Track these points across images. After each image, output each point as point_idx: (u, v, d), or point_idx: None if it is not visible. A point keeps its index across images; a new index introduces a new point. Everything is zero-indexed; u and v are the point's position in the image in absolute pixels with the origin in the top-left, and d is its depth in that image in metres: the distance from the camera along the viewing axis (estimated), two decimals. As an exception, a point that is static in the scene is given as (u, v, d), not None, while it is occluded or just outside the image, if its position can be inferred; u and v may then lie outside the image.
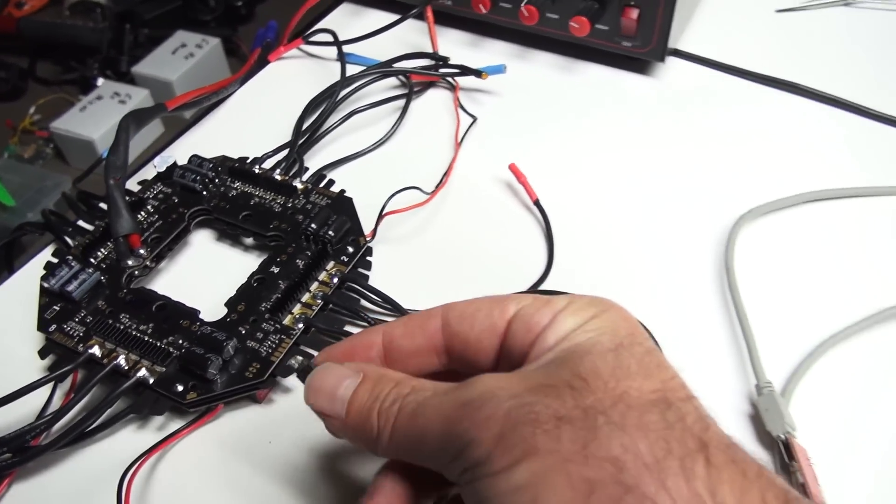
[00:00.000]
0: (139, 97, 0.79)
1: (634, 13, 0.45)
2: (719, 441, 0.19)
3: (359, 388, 0.23)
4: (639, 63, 0.49)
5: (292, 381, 0.33)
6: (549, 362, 0.21)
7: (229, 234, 0.40)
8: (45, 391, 0.32)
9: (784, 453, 0.30)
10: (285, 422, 0.32)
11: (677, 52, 0.49)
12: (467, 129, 0.45)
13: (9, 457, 0.30)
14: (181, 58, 0.87)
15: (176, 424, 0.32)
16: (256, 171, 0.41)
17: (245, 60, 0.53)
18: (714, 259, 0.37)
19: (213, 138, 0.46)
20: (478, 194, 0.41)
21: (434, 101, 0.48)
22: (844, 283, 0.36)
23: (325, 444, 0.31)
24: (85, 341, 0.33)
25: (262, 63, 0.52)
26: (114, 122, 0.67)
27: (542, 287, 0.36)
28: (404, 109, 0.46)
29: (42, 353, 0.34)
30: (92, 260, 0.37)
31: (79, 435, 0.31)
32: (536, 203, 0.40)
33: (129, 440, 0.32)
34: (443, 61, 0.48)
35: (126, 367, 0.32)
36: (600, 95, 0.47)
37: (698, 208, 0.40)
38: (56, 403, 0.33)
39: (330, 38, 0.50)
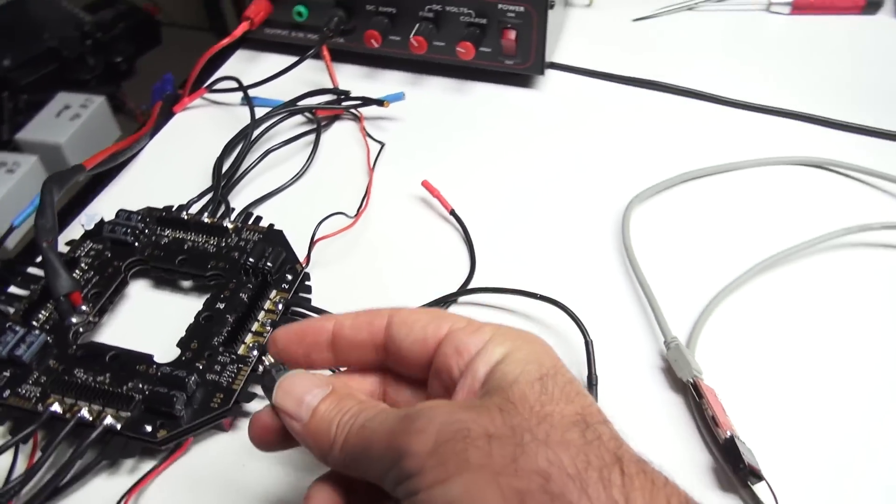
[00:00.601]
0: (28, 164, 0.76)
1: (512, 34, 0.50)
2: (631, 456, 0.21)
3: (325, 399, 0.25)
4: (522, 78, 0.54)
5: (256, 405, 0.35)
6: (483, 393, 0.23)
7: (166, 280, 0.41)
8: (6, 456, 0.33)
9: (694, 394, 0.35)
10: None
11: (554, 65, 0.55)
12: (377, 155, 0.48)
13: (-17, 524, 0.31)
14: (66, 120, 0.86)
15: (147, 465, 0.33)
16: (184, 217, 0.42)
17: (133, 116, 0.54)
18: (613, 239, 0.43)
19: (131, 192, 0.47)
20: (398, 212, 0.45)
21: (342, 132, 0.51)
22: (723, 245, 0.42)
23: (297, 459, 0.33)
24: (43, 400, 0.34)
25: (168, 115, 0.53)
26: (4, 192, 0.67)
27: (470, 285, 0.40)
28: (315, 143, 0.49)
29: (1, 417, 0.34)
30: (34, 323, 0.37)
31: (52, 491, 0.32)
32: (452, 213, 0.44)
33: (103, 488, 0.33)
34: (344, 95, 0.52)
35: (90, 419, 0.33)
36: (492, 110, 0.52)
37: (593, 197, 0.45)
38: (21, 466, 0.33)
39: (233, 85, 0.53)
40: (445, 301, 0.39)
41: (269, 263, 0.39)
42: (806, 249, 0.40)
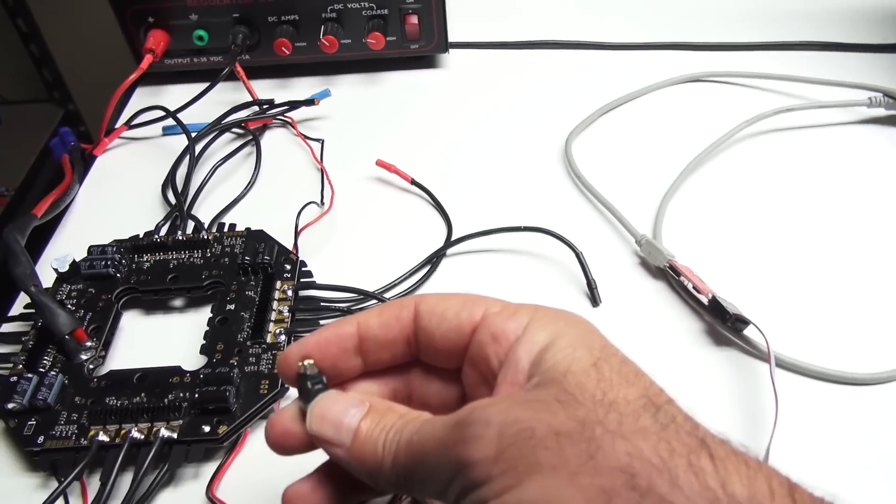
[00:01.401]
0: None
1: (414, 18, 0.54)
2: (714, 436, 0.19)
3: (365, 418, 0.23)
4: (428, 60, 0.58)
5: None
6: (533, 385, 0.21)
7: (156, 303, 0.41)
8: None
9: (673, 274, 0.40)
10: (309, 420, 0.35)
11: (453, 45, 0.59)
12: (321, 150, 0.50)
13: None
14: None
15: (208, 469, 0.33)
16: (158, 240, 0.42)
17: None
18: (563, 171, 0.47)
19: (80, 236, 0.45)
20: (362, 193, 0.47)
21: (277, 138, 0.52)
22: (653, 156, 0.48)
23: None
24: (84, 435, 0.33)
25: (88, 160, 0.52)
26: None
27: (453, 237, 0.43)
28: (258, 151, 0.50)
29: (41, 465, 0.33)
30: (41, 369, 0.36)
31: (126, 515, 0.31)
32: (413, 182, 0.46)
33: (173, 500, 0.33)
34: (268, 104, 0.53)
35: (142, 437, 0.33)
36: (411, 93, 0.56)
37: (534, 141, 0.50)
38: (76, 507, 0.32)
39: (150, 117, 0.53)
40: (437, 256, 0.42)
41: (266, 257, 0.40)
42: (722, 143, 0.47)
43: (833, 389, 0.35)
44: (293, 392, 0.36)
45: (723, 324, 0.37)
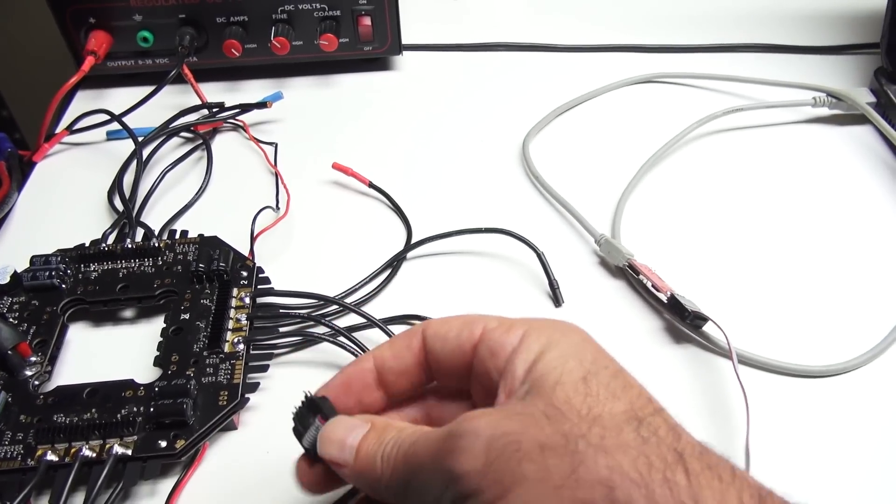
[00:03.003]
0: None
1: (367, 20, 0.54)
2: (693, 449, 0.20)
3: (366, 436, 0.24)
4: (381, 62, 0.57)
5: (260, 396, 0.35)
6: (523, 395, 0.22)
7: (105, 314, 0.39)
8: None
9: (632, 273, 0.40)
10: (270, 430, 0.34)
11: (405, 47, 0.59)
12: (275, 154, 0.49)
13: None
14: None
15: (164, 485, 0.32)
16: (106, 248, 0.40)
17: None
18: (520, 171, 0.47)
19: (21, 246, 0.43)
20: (319, 197, 0.46)
21: (229, 142, 0.51)
22: (609, 156, 0.48)
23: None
24: (31, 455, 0.31)
25: (27, 166, 0.50)
26: None
27: (413, 240, 0.42)
28: (209, 156, 0.49)
29: (-14, 489, 0.31)
30: (-18, 387, 0.34)
31: (77, 537, 0.30)
32: (371, 185, 0.46)
33: (128, 520, 0.31)
34: (218, 107, 0.52)
35: (94, 455, 0.31)
36: (366, 95, 0.55)
37: (491, 141, 0.50)
38: (23, 532, 0.30)
39: (93, 122, 0.50)
40: (397, 260, 0.41)
41: (221, 264, 0.38)
42: (676, 143, 0.48)
43: (792, 382, 0.35)
44: (254, 402, 0.35)
45: (682, 321, 0.38)
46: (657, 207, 0.45)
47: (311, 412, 0.26)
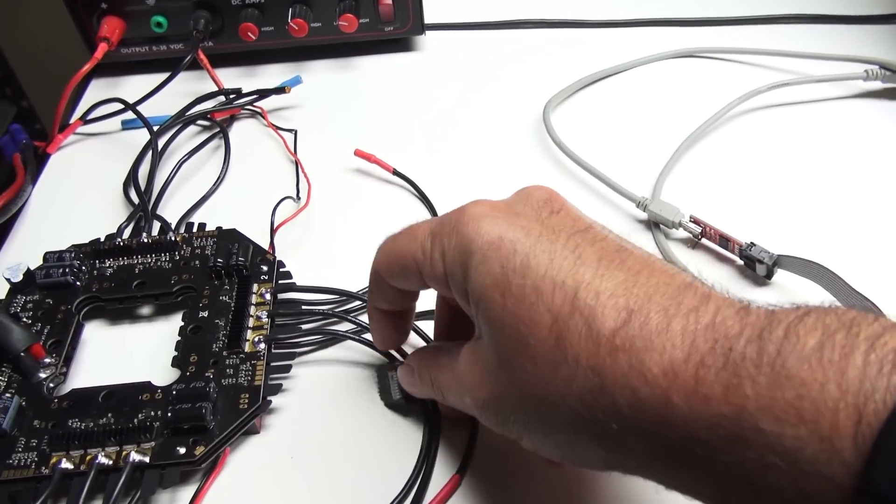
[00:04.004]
0: None
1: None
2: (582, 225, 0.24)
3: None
4: (404, 42, 0.55)
5: (279, 400, 0.33)
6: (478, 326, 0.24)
7: (122, 312, 0.37)
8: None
9: (691, 230, 0.38)
10: (294, 434, 0.32)
11: (428, 26, 0.56)
12: (295, 141, 0.47)
13: None
14: None
15: (185, 492, 0.30)
16: (121, 243, 0.39)
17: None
18: (548, 151, 0.45)
19: (36, 241, 0.42)
20: (341, 186, 0.44)
21: (247, 130, 0.49)
22: (650, 128, 0.46)
23: (345, 439, 0.32)
24: (45, 463, 0.30)
25: (42, 158, 0.48)
26: None
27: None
28: (226, 144, 0.47)
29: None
30: (-5, 391, 0.33)
31: (95, 550, 0.28)
32: (395, 172, 0.44)
33: (147, 530, 0.30)
34: (235, 93, 0.50)
35: (110, 462, 0.30)
36: (387, 77, 0.53)
37: (518, 121, 0.48)
38: (39, 544, 0.29)
39: (106, 111, 0.49)
40: (424, 251, 0.39)
41: (240, 258, 0.36)
42: (717, 120, 0.45)
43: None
44: (277, 404, 0.33)
45: (755, 269, 0.36)
46: (697, 186, 0.42)
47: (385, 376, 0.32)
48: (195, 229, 0.40)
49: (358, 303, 0.36)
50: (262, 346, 0.34)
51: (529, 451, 0.24)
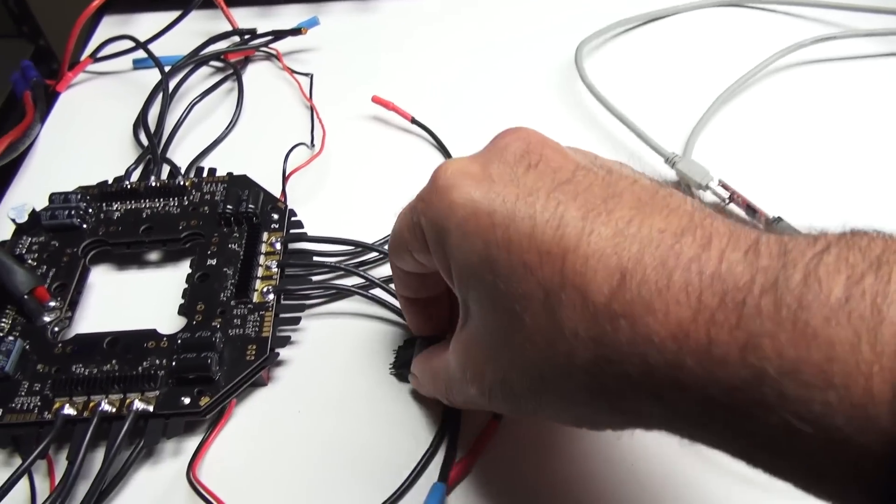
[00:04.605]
0: None
1: (412, -63, 0.49)
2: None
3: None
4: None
5: (287, 352, 0.32)
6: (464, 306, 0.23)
7: (129, 257, 0.36)
8: (21, 484, 0.28)
9: (718, 194, 0.36)
10: (302, 388, 0.31)
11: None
12: (310, 86, 0.45)
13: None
14: None
15: (190, 443, 0.30)
16: (129, 186, 0.38)
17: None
18: (576, 99, 0.43)
19: (43, 181, 0.41)
20: (357, 134, 0.42)
21: (261, 72, 0.47)
22: (679, 83, 0.43)
23: (354, 394, 0.31)
24: (48, 408, 0.29)
25: (52, 96, 0.47)
26: None
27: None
28: (239, 87, 0.45)
29: (1, 441, 0.29)
30: (-2, 333, 0.32)
31: (99, 497, 0.27)
32: (413, 121, 0.42)
33: (151, 479, 0.29)
34: (250, 34, 0.48)
35: (113, 410, 0.29)
36: (409, 19, 0.50)
37: (544, 65, 0.45)
38: (42, 487, 0.29)
39: (117, 49, 0.47)
40: (441, 203, 0.38)
41: (250, 206, 0.35)
42: (758, 73, 0.42)
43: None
44: (285, 357, 0.32)
45: None
46: (730, 146, 0.40)
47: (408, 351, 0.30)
48: (205, 174, 0.39)
49: (373, 254, 0.35)
50: (271, 296, 0.32)
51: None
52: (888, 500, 0.14)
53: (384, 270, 0.35)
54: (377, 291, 0.33)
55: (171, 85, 0.45)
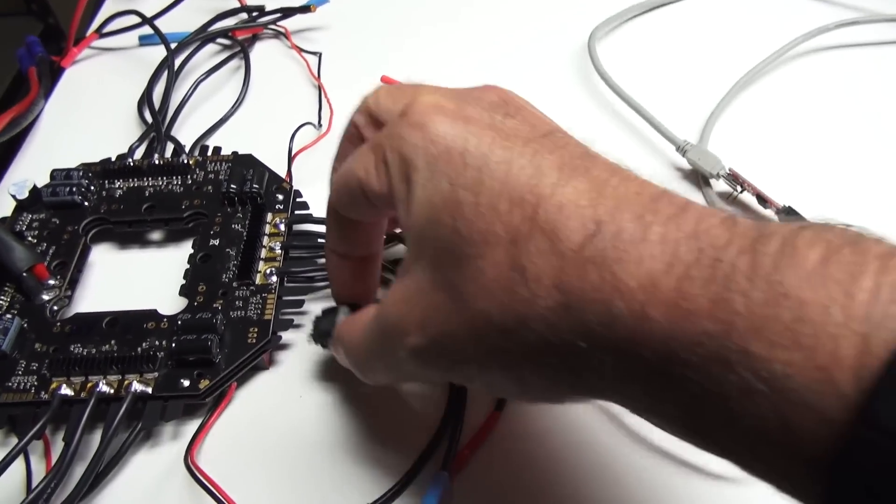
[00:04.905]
0: None
1: (425, -86, 0.47)
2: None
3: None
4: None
5: (290, 336, 0.31)
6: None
7: (132, 236, 0.36)
8: (16, 465, 0.28)
9: (730, 183, 0.35)
10: (305, 372, 0.31)
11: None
12: (319, 65, 0.44)
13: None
14: None
15: (189, 427, 0.29)
16: (132, 163, 0.37)
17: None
18: (588, 81, 0.42)
19: (46, 158, 0.40)
20: (364, 114, 0.41)
21: (268, 51, 0.46)
22: (695, 68, 0.42)
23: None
24: (45, 387, 0.29)
25: (57, 72, 0.46)
26: None
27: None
28: (246, 65, 0.44)
29: (-1, 422, 0.28)
30: (-4, 311, 0.31)
31: (94, 481, 0.27)
32: (423, 102, 0.41)
33: (148, 463, 0.28)
34: (259, 10, 0.47)
35: (111, 391, 0.28)
36: (417, 1, 0.49)
37: (557, 47, 0.44)
38: (38, 468, 0.28)
39: (123, 25, 0.46)
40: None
41: (255, 185, 0.34)
42: (778, 59, 0.41)
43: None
44: (287, 340, 0.31)
45: None
46: (751, 131, 0.39)
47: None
48: (210, 153, 0.38)
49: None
50: (275, 278, 0.32)
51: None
52: (836, 474, 0.14)
53: (390, 252, 0.34)
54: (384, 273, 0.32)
55: (177, 62, 0.44)
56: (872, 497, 0.13)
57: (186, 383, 0.28)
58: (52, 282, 0.32)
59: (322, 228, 0.34)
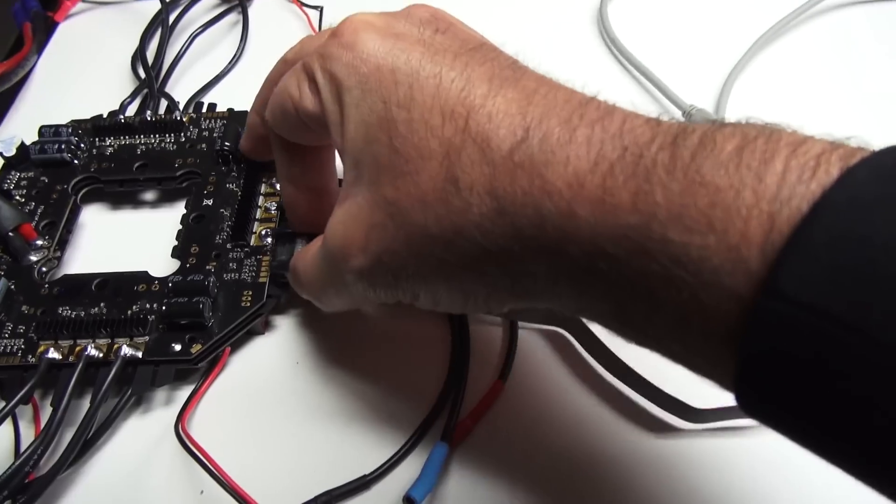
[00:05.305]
0: None
1: None
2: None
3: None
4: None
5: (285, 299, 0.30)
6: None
7: (124, 195, 0.35)
8: (5, 428, 0.27)
9: None
10: (301, 337, 0.30)
11: None
12: (320, 19, 0.42)
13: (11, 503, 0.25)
14: None
15: (181, 393, 0.28)
16: (123, 120, 0.35)
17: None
18: (599, 47, 0.40)
19: (38, 114, 0.39)
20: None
21: (268, 4, 0.44)
22: (705, 31, 0.40)
23: (356, 343, 0.29)
24: (32, 351, 0.28)
25: (50, 27, 0.45)
26: None
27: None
28: (244, 20, 0.42)
29: (-18, 386, 0.28)
30: (-18, 271, 0.30)
31: (83, 447, 0.26)
32: (427, 59, 0.39)
33: (140, 428, 0.28)
34: (257, -37, 0.45)
35: (101, 355, 0.27)
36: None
37: (567, 9, 0.42)
38: (26, 433, 0.27)
39: (118, -23, 0.45)
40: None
41: (250, 143, 0.33)
42: (798, 17, 0.39)
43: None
44: (282, 303, 0.30)
45: None
46: (772, 92, 0.37)
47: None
48: (205, 109, 0.36)
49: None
50: (270, 240, 0.30)
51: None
52: (744, 346, 0.14)
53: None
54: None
55: (172, 16, 0.42)
56: (778, 364, 0.13)
57: (178, 347, 0.27)
58: (39, 242, 0.31)
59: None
